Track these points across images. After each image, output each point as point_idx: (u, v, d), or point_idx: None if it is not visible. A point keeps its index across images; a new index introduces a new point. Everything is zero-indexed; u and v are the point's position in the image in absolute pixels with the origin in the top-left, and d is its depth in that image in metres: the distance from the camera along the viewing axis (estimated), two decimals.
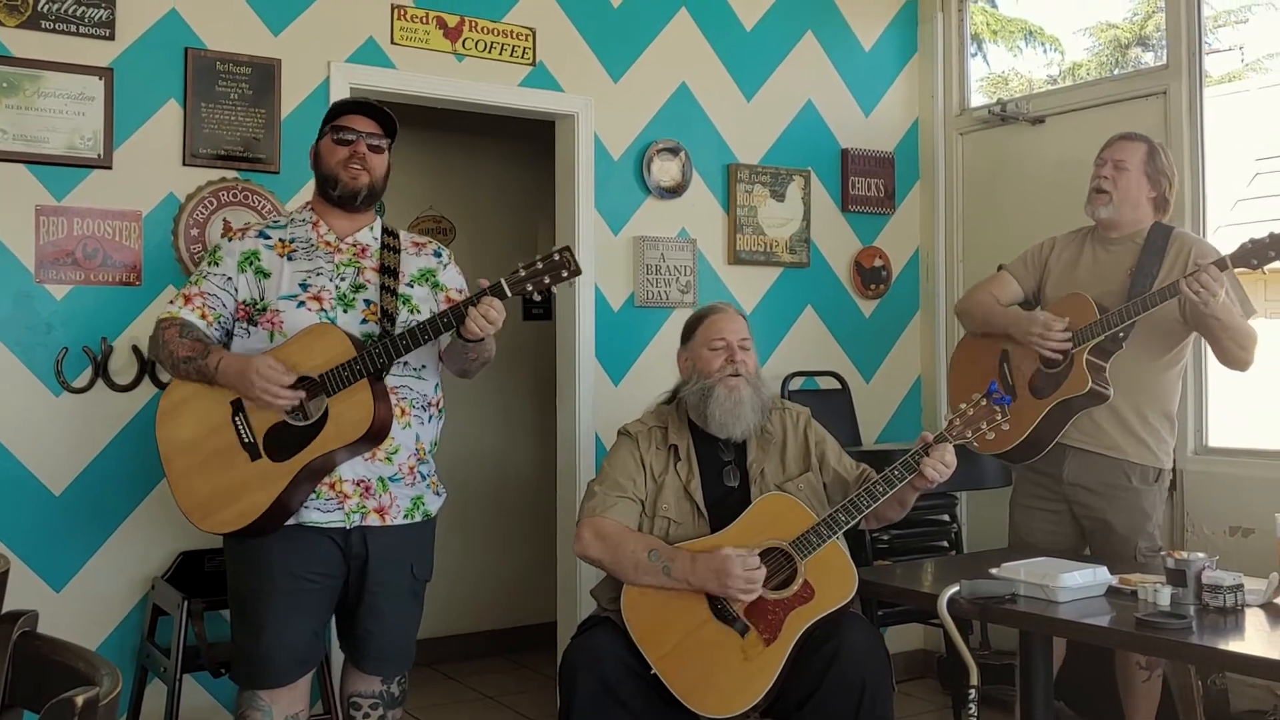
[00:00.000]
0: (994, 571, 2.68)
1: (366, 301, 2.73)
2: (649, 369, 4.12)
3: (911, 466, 2.73)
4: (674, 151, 4.23)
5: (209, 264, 2.76)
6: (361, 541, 2.68)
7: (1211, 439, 3.86)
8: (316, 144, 2.81)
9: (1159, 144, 3.34)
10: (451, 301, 2.84)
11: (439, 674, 4.81)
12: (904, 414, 4.77)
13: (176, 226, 3.37)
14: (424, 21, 3.78)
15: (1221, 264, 2.94)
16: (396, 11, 3.73)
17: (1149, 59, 6.87)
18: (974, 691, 2.58)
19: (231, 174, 3.46)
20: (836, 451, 2.99)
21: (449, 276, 2.90)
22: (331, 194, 2.77)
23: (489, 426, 5.24)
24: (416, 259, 2.86)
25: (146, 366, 3.31)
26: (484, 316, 2.57)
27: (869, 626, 2.79)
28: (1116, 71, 5.55)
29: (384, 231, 2.85)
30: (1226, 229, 4.10)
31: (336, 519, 2.65)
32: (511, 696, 4.51)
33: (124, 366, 3.30)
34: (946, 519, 4.33)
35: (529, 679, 4.76)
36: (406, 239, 2.89)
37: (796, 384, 4.42)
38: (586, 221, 4.06)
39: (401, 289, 2.78)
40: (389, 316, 2.72)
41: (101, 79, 3.27)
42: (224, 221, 3.38)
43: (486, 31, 3.89)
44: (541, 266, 2.61)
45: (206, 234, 3.39)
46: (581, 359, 4.05)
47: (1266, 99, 5.67)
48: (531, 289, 2.62)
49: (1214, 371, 3.73)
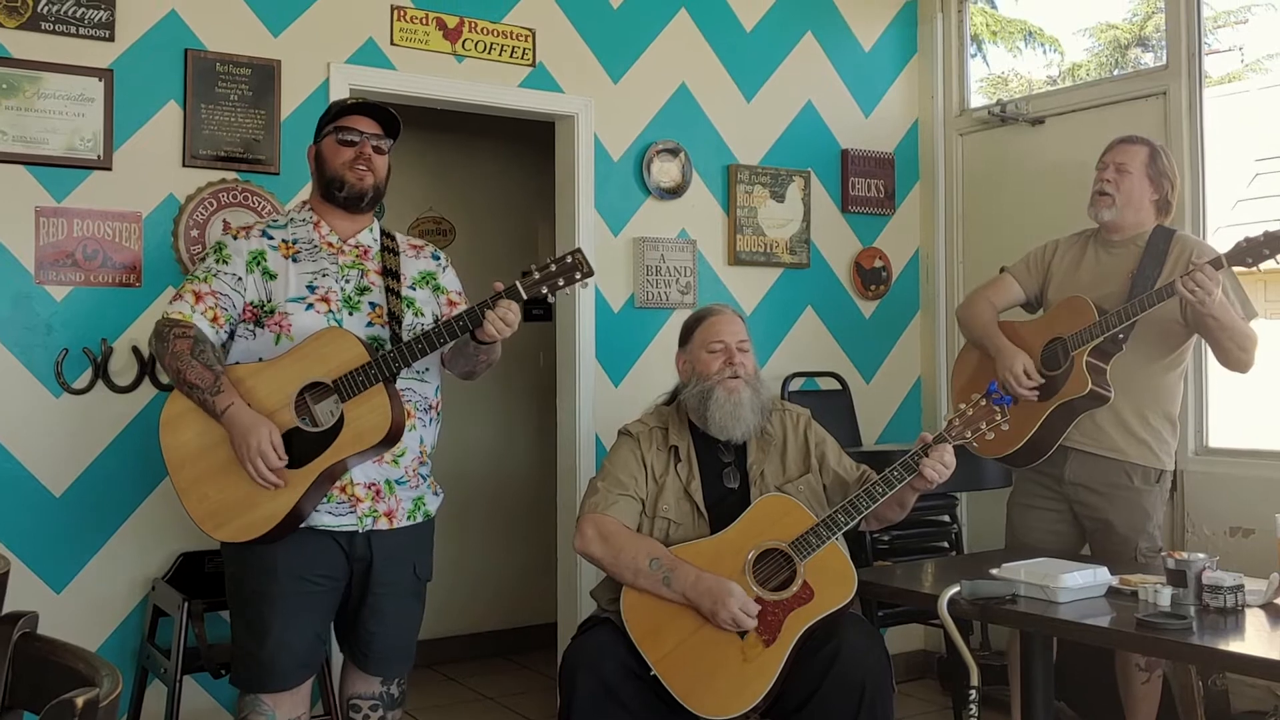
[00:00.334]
0: (994, 572, 2.68)
1: (371, 304, 2.72)
2: (649, 370, 4.12)
3: (911, 467, 2.73)
4: (674, 152, 4.23)
5: (217, 261, 2.69)
6: (366, 544, 2.68)
7: (1212, 440, 3.86)
8: (316, 144, 2.79)
9: (1161, 146, 3.34)
10: (452, 304, 2.85)
11: (439, 675, 4.80)
12: (904, 415, 4.77)
13: (176, 228, 3.37)
14: (424, 22, 3.78)
15: (1217, 263, 2.94)
16: (396, 12, 3.73)
17: (1149, 59, 6.88)
18: (974, 692, 2.58)
19: (231, 175, 3.46)
20: (836, 452, 2.99)
21: (448, 279, 2.90)
22: (337, 195, 2.74)
23: (489, 427, 5.23)
24: (416, 261, 2.86)
25: (146, 367, 3.31)
26: (502, 319, 2.57)
27: (869, 627, 2.79)
28: (1116, 72, 5.55)
29: (382, 233, 2.85)
30: (1226, 229, 4.09)
31: (349, 523, 2.64)
32: (511, 697, 4.51)
33: (124, 367, 3.30)
34: (946, 520, 4.33)
35: (529, 680, 4.76)
36: (403, 241, 2.89)
37: (796, 385, 4.42)
38: (586, 222, 4.06)
39: (404, 291, 2.77)
40: (396, 319, 2.71)
41: (101, 80, 3.27)
42: (224, 222, 3.38)
43: (486, 32, 3.89)
44: (555, 269, 2.61)
45: (206, 235, 3.39)
46: (581, 360, 4.05)
47: (1266, 99, 5.68)
48: (545, 291, 2.62)
49: (1214, 372, 3.73)
